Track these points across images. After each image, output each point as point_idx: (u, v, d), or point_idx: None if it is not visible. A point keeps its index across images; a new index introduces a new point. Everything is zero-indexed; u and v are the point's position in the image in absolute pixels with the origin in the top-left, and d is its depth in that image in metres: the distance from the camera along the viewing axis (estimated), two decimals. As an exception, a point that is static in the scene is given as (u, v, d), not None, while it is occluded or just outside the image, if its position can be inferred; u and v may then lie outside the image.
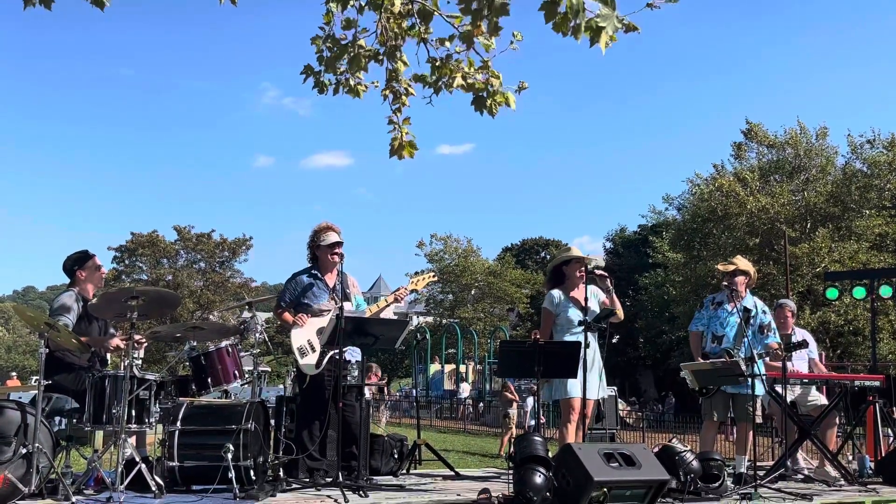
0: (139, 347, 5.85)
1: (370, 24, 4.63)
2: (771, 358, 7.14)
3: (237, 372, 6.04)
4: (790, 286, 25.77)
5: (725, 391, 6.94)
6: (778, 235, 29.12)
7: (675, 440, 6.35)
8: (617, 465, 5.13)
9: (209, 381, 5.92)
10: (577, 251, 6.83)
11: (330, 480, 5.82)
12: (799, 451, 7.61)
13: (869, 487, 6.51)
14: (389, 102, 4.95)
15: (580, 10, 3.14)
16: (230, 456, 5.25)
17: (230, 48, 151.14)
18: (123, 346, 5.76)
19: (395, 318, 6.67)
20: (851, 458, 8.32)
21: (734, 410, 7.05)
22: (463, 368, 41.17)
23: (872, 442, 7.75)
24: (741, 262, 7.32)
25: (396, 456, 7.08)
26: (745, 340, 6.76)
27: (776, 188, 30.85)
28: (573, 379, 6.20)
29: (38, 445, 4.81)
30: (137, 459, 5.11)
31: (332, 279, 6.45)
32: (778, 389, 6.95)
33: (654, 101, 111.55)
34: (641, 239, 46.73)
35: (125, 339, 5.64)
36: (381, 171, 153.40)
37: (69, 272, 6.05)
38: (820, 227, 30.02)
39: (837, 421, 8.06)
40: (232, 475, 5.22)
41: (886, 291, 11.18)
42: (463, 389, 37.18)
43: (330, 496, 5.30)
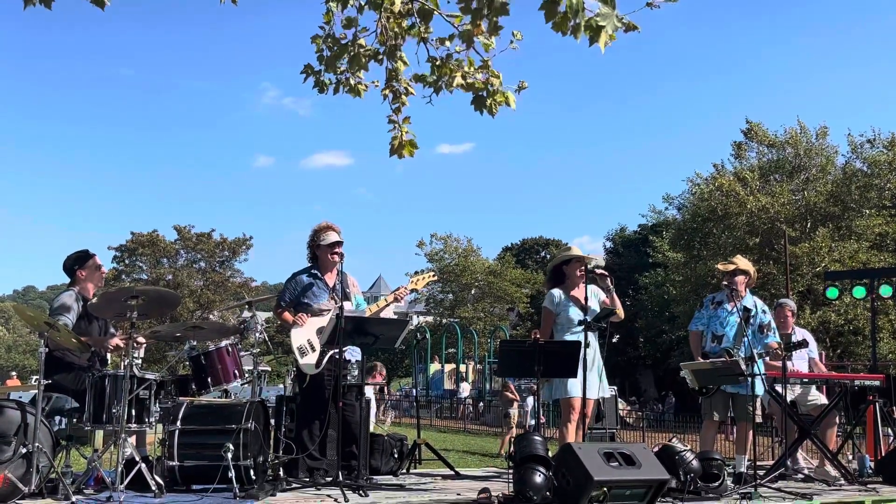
0: (139, 347, 5.84)
1: (370, 23, 4.63)
2: (771, 357, 7.14)
3: (237, 371, 6.03)
4: (790, 286, 25.77)
5: (725, 391, 6.95)
6: (778, 235, 29.13)
7: (674, 440, 6.35)
8: (617, 464, 5.13)
9: (209, 380, 5.91)
10: (577, 250, 6.83)
11: (330, 480, 5.82)
12: (799, 450, 7.61)
13: (869, 487, 6.50)
14: (389, 102, 4.95)
15: (580, 9, 3.14)
16: (230, 455, 5.25)
17: (230, 48, 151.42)
18: (123, 345, 5.76)
19: (395, 317, 6.67)
20: (851, 457, 8.32)
21: (734, 410, 7.06)
22: (463, 368, 41.19)
23: (872, 441, 7.75)
24: (741, 261, 7.33)
25: (396, 455, 7.08)
26: (744, 340, 6.77)
27: (776, 188, 30.86)
28: (573, 378, 6.21)
29: (38, 445, 4.81)
30: (137, 459, 5.11)
31: (331, 279, 6.45)
32: (778, 389, 6.95)
33: (654, 101, 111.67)
34: (641, 238, 46.74)
35: (125, 338, 5.64)
36: (381, 170, 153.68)
37: (69, 272, 6.05)
38: (820, 226, 30.02)
39: (837, 420, 8.05)
40: (232, 475, 5.22)
41: (886, 291, 11.17)
42: (463, 389, 37.20)
43: (330, 495, 5.30)
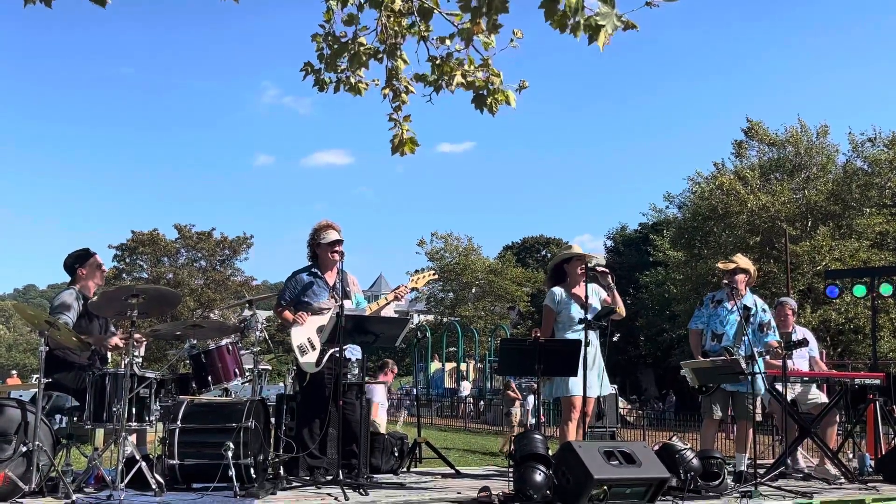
0: (139, 346, 5.84)
1: (370, 21, 4.62)
2: (771, 356, 7.14)
3: (237, 370, 6.03)
4: (791, 284, 25.78)
5: (725, 389, 6.95)
6: (779, 234, 29.12)
7: (675, 438, 6.34)
8: (617, 463, 5.13)
9: (209, 379, 5.91)
10: (578, 249, 6.83)
11: (330, 478, 5.82)
12: (799, 449, 7.61)
13: (869, 485, 6.51)
14: (389, 101, 4.94)
15: (579, 8, 3.13)
16: (230, 454, 5.25)
17: (231, 47, 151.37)
18: (123, 345, 5.76)
19: (395, 316, 6.67)
20: (852, 456, 8.30)
21: (734, 408, 7.06)
22: (464, 367, 41.25)
23: (873, 440, 7.74)
24: (741, 260, 7.33)
25: (397, 454, 7.09)
26: (745, 338, 6.77)
27: (777, 186, 30.85)
28: (574, 377, 6.21)
29: (38, 443, 4.81)
30: (138, 457, 5.11)
31: (332, 277, 6.45)
32: (778, 387, 6.95)
33: (654, 100, 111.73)
34: (642, 237, 46.76)
35: (124, 338, 5.64)
36: (381, 169, 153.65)
37: (70, 270, 6.04)
38: (821, 225, 30.01)
39: (838, 419, 8.05)
40: (232, 473, 5.22)
41: (887, 290, 11.13)
42: (464, 388, 37.26)
43: (330, 494, 5.30)
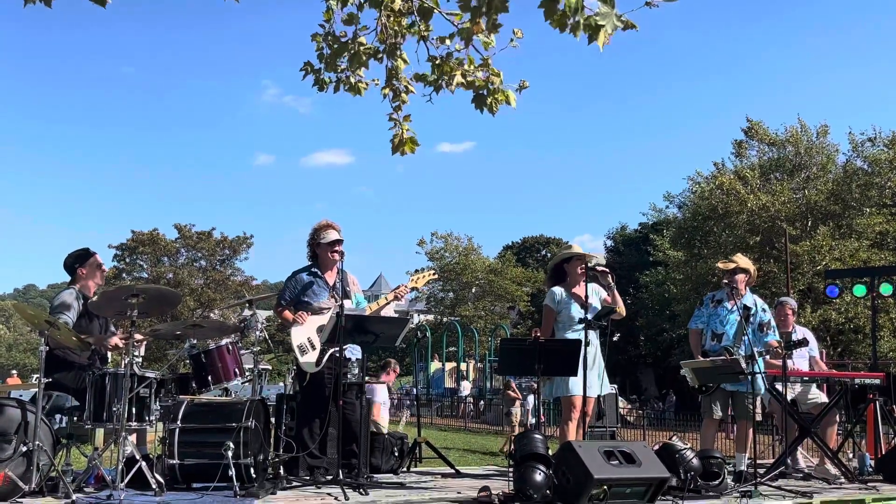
0: (139, 346, 5.84)
1: (370, 21, 4.62)
2: (772, 356, 7.14)
3: (237, 370, 6.03)
4: (791, 284, 25.78)
5: (725, 389, 6.95)
6: (779, 233, 29.13)
7: (675, 438, 6.34)
8: (617, 462, 5.12)
9: (209, 378, 5.90)
10: (578, 248, 6.83)
11: (330, 478, 5.82)
12: (799, 448, 7.61)
13: (869, 485, 6.51)
14: (389, 100, 4.94)
15: (579, 8, 3.13)
16: (230, 454, 5.25)
17: (231, 46, 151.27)
18: (123, 344, 5.76)
19: (395, 315, 6.67)
20: (852, 455, 8.30)
21: (734, 408, 7.06)
22: (464, 366, 41.26)
23: (873, 440, 7.74)
24: (741, 260, 7.33)
25: (397, 454, 7.09)
26: (745, 338, 6.76)
27: (777, 186, 30.86)
28: (574, 377, 6.21)
29: (38, 443, 4.81)
30: (138, 457, 5.11)
31: (332, 277, 6.45)
32: (778, 387, 6.95)
33: (654, 100, 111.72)
34: (642, 237, 46.77)
35: (125, 337, 5.64)
36: (381, 169, 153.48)
37: (70, 270, 6.04)
38: (821, 225, 30.02)
39: (838, 419, 8.05)
40: (232, 473, 5.22)
41: (887, 289, 11.13)
42: (464, 387, 37.27)
43: (330, 494, 5.31)
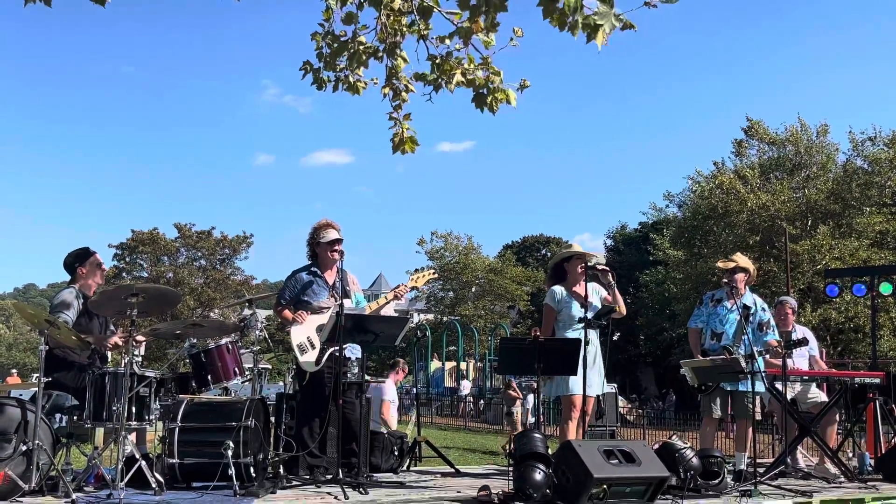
0: (138, 345, 5.84)
1: (370, 20, 4.63)
2: (772, 355, 7.14)
3: (237, 369, 6.03)
4: (791, 283, 25.77)
5: (724, 388, 6.95)
6: (778, 233, 29.11)
7: (675, 437, 6.34)
8: (617, 461, 5.13)
9: (209, 378, 5.91)
10: (578, 248, 6.84)
11: (330, 477, 5.82)
12: (799, 448, 7.60)
13: (869, 484, 6.50)
14: (390, 99, 4.94)
15: (578, 7, 3.13)
16: (230, 453, 5.26)
17: (231, 46, 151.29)
18: (122, 344, 5.76)
19: (395, 315, 6.67)
20: (851, 455, 8.30)
21: (733, 407, 7.07)
22: (463, 366, 41.26)
23: (872, 439, 7.75)
24: (741, 259, 7.33)
25: (397, 453, 7.10)
26: (744, 338, 6.76)
27: (777, 185, 30.83)
28: (574, 376, 6.21)
29: (38, 442, 4.82)
30: (137, 456, 5.12)
31: (331, 276, 6.45)
32: (778, 386, 6.94)
33: (654, 100, 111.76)
34: (642, 236, 46.75)
35: (124, 337, 5.64)
36: (381, 168, 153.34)
37: (70, 269, 6.04)
38: (820, 224, 30.00)
39: (837, 418, 8.05)
40: (232, 472, 5.23)
41: (887, 289, 11.15)
42: (464, 387, 37.27)
43: (330, 493, 5.31)
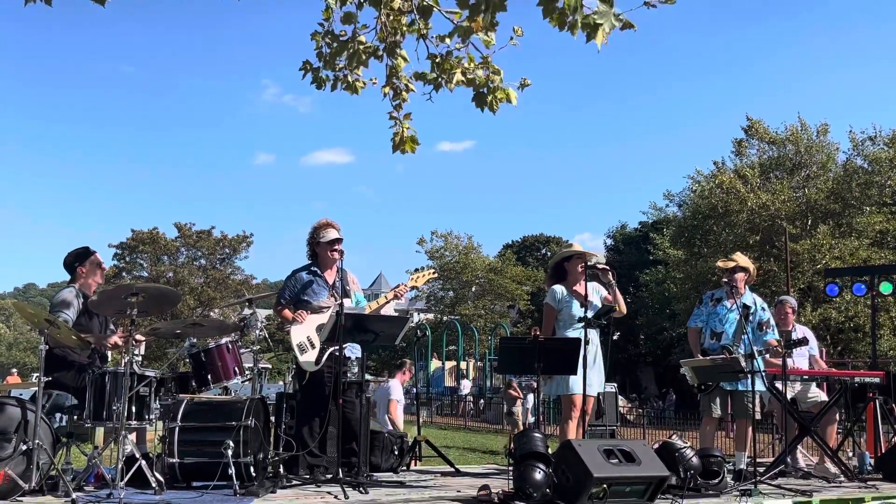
0: (138, 344, 5.84)
1: (370, 20, 4.63)
2: (772, 355, 7.14)
3: (237, 368, 6.03)
4: (791, 283, 25.77)
5: (723, 388, 6.95)
6: (778, 232, 29.10)
7: (675, 437, 6.34)
8: (617, 461, 5.12)
9: (209, 377, 5.91)
10: (578, 247, 6.84)
11: (330, 477, 5.82)
12: (799, 447, 7.60)
13: (869, 484, 6.50)
14: (390, 99, 4.95)
15: (578, 6, 3.14)
16: (230, 452, 5.26)
17: (231, 45, 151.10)
18: (122, 344, 5.76)
19: (395, 314, 6.67)
20: (851, 454, 8.30)
21: (733, 407, 7.06)
22: (463, 365, 41.26)
23: (872, 438, 7.75)
24: (741, 258, 7.33)
25: (396, 452, 7.09)
26: (744, 337, 6.76)
27: (777, 185, 30.82)
28: (574, 375, 6.21)
29: (38, 442, 4.82)
30: (138, 456, 5.12)
31: (331, 276, 6.45)
32: (778, 386, 6.94)
33: (654, 99, 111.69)
34: (642, 236, 46.75)
35: (124, 336, 5.64)
36: (381, 168, 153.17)
37: (70, 268, 6.05)
38: (821, 223, 29.99)
39: (837, 417, 8.05)
40: (232, 472, 5.23)
41: (887, 288, 11.15)
42: (464, 386, 37.27)
43: (330, 492, 5.31)
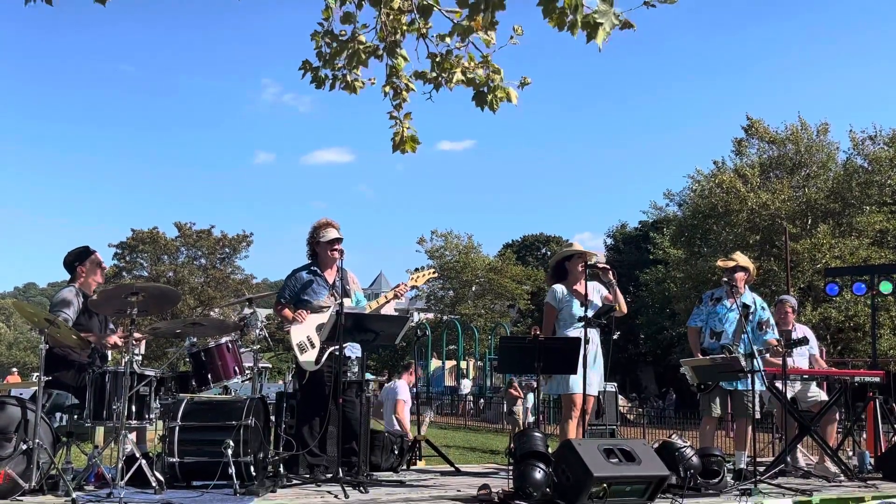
0: (138, 344, 5.85)
1: (369, 19, 4.63)
2: (772, 354, 7.14)
3: (237, 368, 6.03)
4: (791, 282, 25.77)
5: (723, 387, 6.95)
6: (778, 231, 29.10)
7: (675, 436, 6.34)
8: (617, 460, 5.12)
9: (209, 377, 5.91)
10: (578, 246, 6.84)
11: (330, 476, 5.82)
12: (799, 447, 7.61)
13: (869, 483, 6.50)
14: (390, 98, 4.95)
15: (578, 6, 3.13)
16: (230, 452, 5.26)
17: (231, 45, 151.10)
18: (122, 343, 5.76)
19: (395, 314, 6.67)
20: (851, 453, 8.30)
21: (733, 406, 7.07)
22: (464, 365, 41.25)
23: (872, 438, 7.74)
24: (741, 258, 7.33)
25: (397, 452, 7.09)
26: (744, 336, 6.76)
27: (777, 184, 30.81)
28: (574, 375, 6.21)
29: (38, 441, 4.82)
30: (138, 455, 5.13)
31: (331, 275, 6.45)
32: (778, 385, 6.94)
33: (654, 99, 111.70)
34: (642, 235, 46.76)
35: (124, 336, 5.65)
36: (381, 167, 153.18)
37: (70, 268, 6.05)
38: (821, 223, 29.99)
39: (837, 417, 8.05)
40: (232, 471, 5.23)
41: (887, 287, 11.16)
42: (464, 386, 37.26)
43: (330, 492, 5.32)
